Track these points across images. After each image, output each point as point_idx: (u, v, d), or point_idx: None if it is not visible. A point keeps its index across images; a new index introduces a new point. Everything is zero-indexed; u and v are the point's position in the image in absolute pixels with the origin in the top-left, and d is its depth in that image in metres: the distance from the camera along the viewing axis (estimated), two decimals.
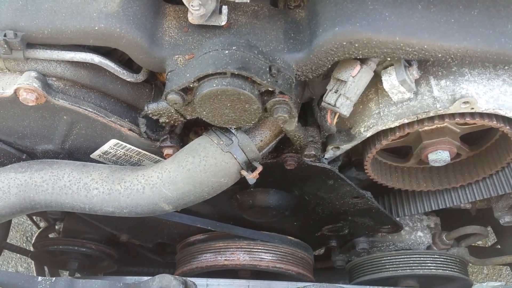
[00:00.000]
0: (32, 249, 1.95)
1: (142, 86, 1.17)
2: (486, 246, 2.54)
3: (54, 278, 1.26)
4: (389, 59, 1.07)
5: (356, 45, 1.00)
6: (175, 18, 1.09)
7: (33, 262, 2.07)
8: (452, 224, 1.84)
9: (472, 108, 1.09)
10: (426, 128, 1.25)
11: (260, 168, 1.14)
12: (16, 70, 1.07)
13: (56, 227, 1.94)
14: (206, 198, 1.16)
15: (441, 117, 1.13)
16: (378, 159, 1.44)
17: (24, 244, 2.90)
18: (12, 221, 2.96)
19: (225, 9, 1.05)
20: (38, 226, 2.25)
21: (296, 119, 1.10)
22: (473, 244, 2.10)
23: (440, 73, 1.13)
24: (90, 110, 1.10)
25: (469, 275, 1.78)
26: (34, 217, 2.35)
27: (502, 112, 1.10)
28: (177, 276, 1.21)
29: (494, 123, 1.14)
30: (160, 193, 1.11)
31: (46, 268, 2.06)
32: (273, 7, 1.14)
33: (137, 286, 1.29)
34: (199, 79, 0.99)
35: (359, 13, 0.98)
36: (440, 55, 1.01)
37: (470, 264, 3.13)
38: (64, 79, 1.09)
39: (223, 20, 1.05)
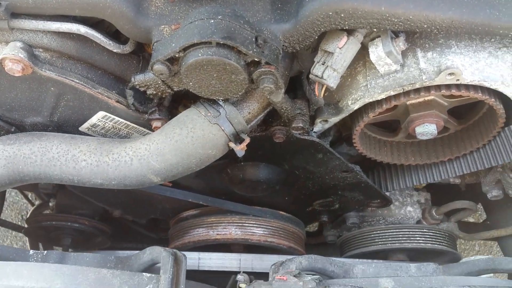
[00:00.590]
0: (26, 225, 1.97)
1: (129, 57, 1.17)
2: (474, 222, 2.57)
3: (45, 252, 1.27)
4: (375, 30, 1.07)
5: (342, 15, 1.00)
6: None
7: (27, 239, 2.10)
8: (443, 200, 1.86)
9: (458, 80, 1.10)
10: (413, 101, 1.26)
11: (247, 140, 1.15)
12: (1, 40, 1.07)
13: (50, 204, 1.96)
14: (194, 170, 1.17)
15: (427, 89, 1.13)
16: (367, 134, 1.45)
17: (20, 223, 2.92)
18: (7, 200, 2.98)
19: None
20: (32, 203, 2.26)
21: (283, 90, 1.11)
22: (464, 220, 2.13)
23: (427, 45, 1.14)
24: (77, 81, 1.10)
25: (460, 251, 1.81)
26: (28, 195, 2.36)
27: (487, 84, 1.11)
28: (167, 248, 1.23)
29: (479, 95, 1.15)
30: (148, 165, 1.12)
31: (40, 245, 2.09)
32: None
33: (129, 258, 1.31)
34: (185, 49, 0.99)
35: None
36: (425, 25, 1.01)
37: (463, 241, 3.19)
38: (50, 50, 1.09)
39: None
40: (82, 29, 1.06)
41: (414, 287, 1.23)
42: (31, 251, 1.29)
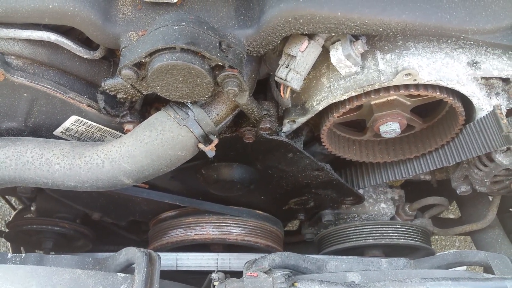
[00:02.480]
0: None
1: (100, 63, 1.21)
2: (448, 217, 2.63)
3: (24, 254, 1.29)
4: (334, 34, 1.12)
5: (301, 20, 1.04)
6: None
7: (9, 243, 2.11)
8: (419, 197, 1.91)
9: (415, 80, 1.15)
10: (376, 101, 1.31)
11: (216, 141, 1.19)
12: None
13: (32, 208, 1.97)
14: (165, 171, 1.21)
15: (387, 89, 1.19)
16: (336, 133, 1.50)
17: (3, 228, 2.92)
18: None
19: None
20: (14, 208, 2.28)
21: (247, 92, 1.15)
22: (444, 216, 2.18)
23: (386, 47, 1.19)
24: (49, 87, 1.13)
25: (441, 247, 1.85)
26: (11, 200, 2.37)
27: (443, 83, 1.17)
28: (141, 249, 1.26)
29: (438, 94, 1.20)
30: (119, 167, 1.16)
31: (22, 249, 2.10)
32: None
33: (106, 260, 1.34)
34: (150, 54, 1.03)
35: None
36: (381, 29, 1.06)
37: (444, 237, 3.24)
38: (22, 57, 1.12)
39: None
40: (52, 37, 1.09)
41: (380, 280, 1.27)
42: (10, 254, 1.31)
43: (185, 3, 1.12)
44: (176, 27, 1.02)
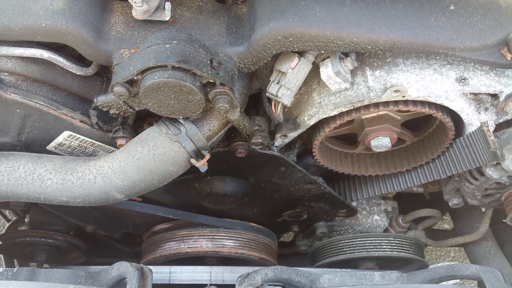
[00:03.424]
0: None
1: (93, 79, 1.22)
2: (441, 229, 2.64)
3: (15, 269, 1.29)
4: (323, 52, 1.13)
5: (291, 39, 1.06)
6: (122, 13, 1.14)
7: (2, 256, 2.10)
8: (412, 209, 1.92)
9: (404, 96, 1.16)
10: (367, 116, 1.32)
11: (208, 156, 1.20)
12: None
13: (26, 220, 1.97)
14: (157, 186, 1.22)
15: (376, 105, 1.20)
16: (329, 146, 1.51)
17: None
18: None
19: (168, 5, 1.10)
20: (8, 220, 2.27)
21: (238, 108, 1.16)
22: (438, 228, 2.19)
23: (375, 64, 1.21)
24: (41, 103, 1.14)
25: (435, 258, 1.86)
26: (4, 212, 2.37)
27: (432, 99, 1.18)
28: (134, 263, 1.26)
29: (426, 110, 1.21)
30: (111, 182, 1.16)
31: (16, 262, 2.09)
32: (218, 2, 1.20)
33: (98, 274, 1.34)
34: (142, 72, 1.04)
35: (292, 9, 1.04)
36: (369, 47, 1.08)
37: (439, 248, 3.24)
38: (15, 73, 1.14)
39: (167, 16, 1.11)
40: (45, 54, 1.11)
41: None
42: (1, 269, 1.31)
43: (177, 21, 1.13)
44: (168, 45, 1.04)
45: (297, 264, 2.19)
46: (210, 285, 1.42)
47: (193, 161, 1.20)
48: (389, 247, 1.78)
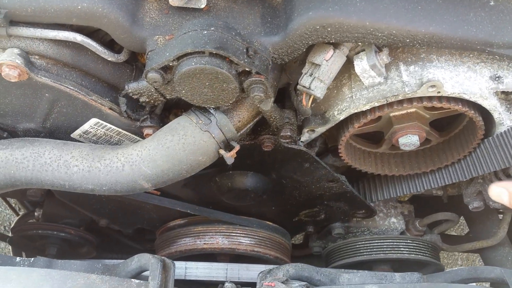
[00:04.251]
0: (10, 234, 1.96)
1: (123, 66, 1.20)
2: (456, 234, 2.63)
3: (32, 259, 1.27)
4: (360, 44, 1.12)
5: (329, 29, 1.05)
6: (156, 0, 1.13)
7: (10, 248, 2.07)
8: (425, 212, 1.91)
9: (439, 92, 1.15)
10: (396, 113, 1.31)
11: (237, 147, 1.18)
12: None
13: (36, 213, 1.95)
14: (184, 176, 1.20)
15: (410, 100, 1.19)
16: (353, 144, 1.49)
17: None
18: None
19: None
20: (17, 213, 2.25)
21: (272, 99, 1.15)
22: (447, 233, 2.17)
23: (409, 59, 1.19)
24: (72, 88, 1.12)
25: (442, 262, 1.85)
26: (13, 205, 2.34)
27: (466, 97, 1.17)
28: (155, 255, 1.24)
29: (459, 107, 1.20)
30: (139, 171, 1.14)
31: (23, 254, 2.06)
32: None
33: (116, 266, 1.31)
34: (179, 58, 1.03)
35: None
36: (408, 40, 1.06)
37: (446, 255, 3.23)
38: (46, 57, 1.11)
39: (202, 3, 1.09)
40: (78, 38, 1.09)
41: None
42: (18, 258, 1.29)
43: (212, 9, 1.12)
44: (205, 32, 1.02)
45: None
46: (229, 282, 1.39)
47: (222, 152, 1.18)
48: (407, 249, 1.76)
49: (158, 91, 1.13)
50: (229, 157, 1.18)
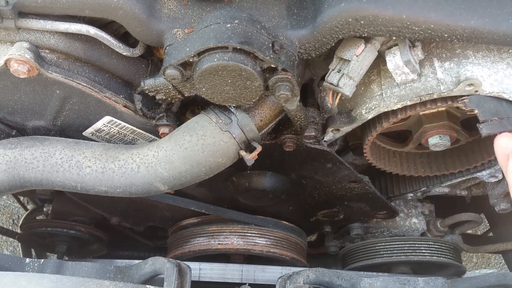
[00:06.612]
0: (19, 231, 1.91)
1: (138, 61, 1.13)
2: (476, 234, 2.56)
3: (42, 260, 1.23)
4: (394, 38, 1.04)
5: (362, 22, 0.97)
6: None
7: (19, 244, 2.03)
8: (446, 212, 1.84)
9: (476, 91, 1.07)
10: (426, 112, 1.23)
11: (259, 149, 1.11)
12: (7, 40, 1.02)
13: (45, 209, 1.90)
14: (203, 178, 1.13)
15: (444, 99, 1.11)
16: (377, 143, 1.42)
17: (10, 227, 2.85)
18: None
19: None
20: (25, 208, 2.20)
21: (298, 98, 1.07)
22: (465, 233, 2.11)
23: (444, 55, 1.11)
24: (84, 84, 1.05)
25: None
26: (21, 199, 2.30)
27: (506, 96, 1.09)
28: (171, 259, 1.18)
29: None
30: (155, 173, 1.08)
31: (33, 251, 2.03)
32: None
33: (129, 269, 1.26)
34: (200, 53, 0.95)
35: None
36: (446, 35, 0.98)
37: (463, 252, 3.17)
38: (57, 51, 1.04)
39: None
40: (91, 30, 1.02)
41: None
42: (27, 260, 1.24)
43: (234, 0, 1.04)
44: (229, 25, 0.95)
45: (322, 265, 2.12)
46: (247, 285, 1.34)
47: (242, 153, 1.11)
48: (429, 251, 1.70)
49: (176, 89, 1.06)
50: (250, 159, 1.11)
